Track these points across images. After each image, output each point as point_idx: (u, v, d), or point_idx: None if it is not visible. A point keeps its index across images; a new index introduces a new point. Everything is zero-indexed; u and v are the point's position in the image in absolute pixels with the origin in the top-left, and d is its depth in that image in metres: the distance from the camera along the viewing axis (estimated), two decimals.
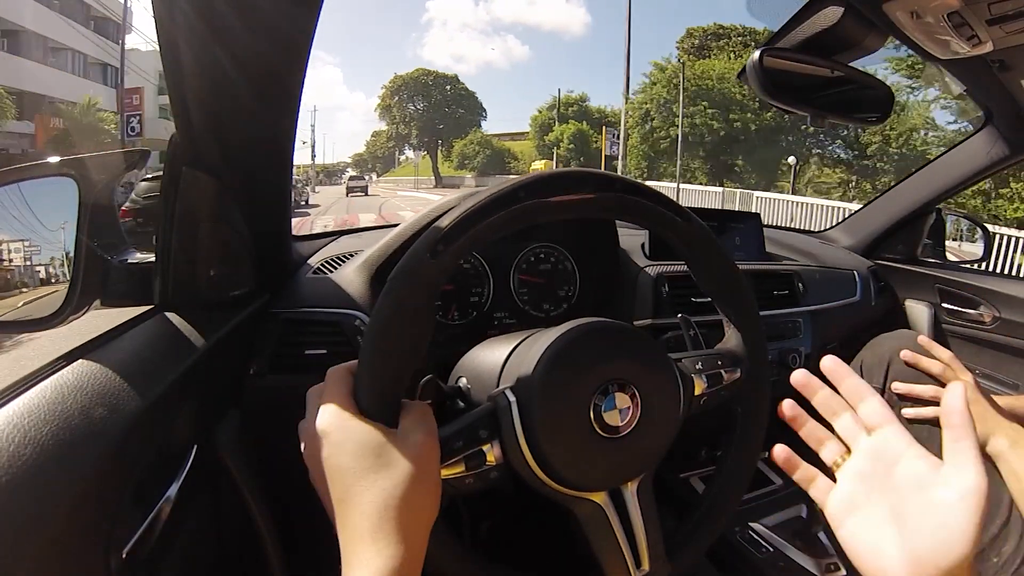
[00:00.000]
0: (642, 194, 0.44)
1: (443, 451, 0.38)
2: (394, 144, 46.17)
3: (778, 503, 0.87)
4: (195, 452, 0.52)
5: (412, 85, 40.79)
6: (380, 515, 0.32)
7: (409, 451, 0.35)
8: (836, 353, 0.44)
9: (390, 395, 0.37)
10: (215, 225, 0.61)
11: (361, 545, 0.32)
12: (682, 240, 0.46)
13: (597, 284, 0.91)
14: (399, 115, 41.97)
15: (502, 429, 0.40)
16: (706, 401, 0.48)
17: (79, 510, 0.36)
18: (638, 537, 0.43)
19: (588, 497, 0.42)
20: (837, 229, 1.50)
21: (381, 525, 0.32)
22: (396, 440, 0.35)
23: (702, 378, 0.47)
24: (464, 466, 0.39)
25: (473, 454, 0.39)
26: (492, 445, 0.40)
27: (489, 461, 0.40)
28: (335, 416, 0.36)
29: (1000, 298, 1.14)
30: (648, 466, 0.44)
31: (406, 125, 41.76)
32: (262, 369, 0.67)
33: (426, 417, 0.38)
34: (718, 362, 0.49)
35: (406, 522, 0.33)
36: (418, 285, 0.37)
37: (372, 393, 0.37)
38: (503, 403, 0.40)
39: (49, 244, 0.53)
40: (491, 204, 0.39)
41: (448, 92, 41.09)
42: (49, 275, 0.53)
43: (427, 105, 40.79)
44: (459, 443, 0.39)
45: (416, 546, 0.33)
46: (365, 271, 0.76)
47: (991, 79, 0.90)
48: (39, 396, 0.39)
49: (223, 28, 0.48)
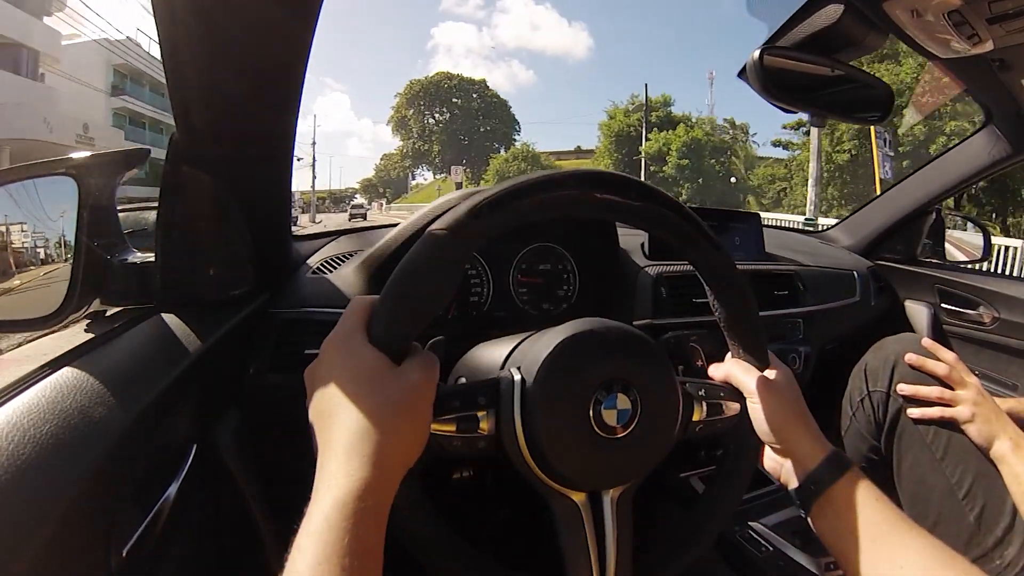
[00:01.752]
0: (682, 215, 0.45)
1: (439, 405, 0.38)
2: (411, 163, 39.27)
3: (778, 502, 0.87)
4: (195, 451, 0.52)
5: (432, 92, 35.62)
6: (358, 434, 0.33)
7: (403, 385, 0.35)
8: (836, 353, 0.44)
9: (402, 333, 0.38)
10: (215, 225, 0.61)
11: (334, 462, 0.32)
12: (707, 267, 0.47)
13: (597, 284, 0.91)
14: (417, 128, 36.29)
15: (500, 401, 0.40)
16: (701, 429, 0.48)
17: (79, 509, 0.36)
18: (608, 548, 0.42)
19: (568, 494, 0.42)
20: (837, 229, 1.50)
21: (357, 445, 0.32)
22: (394, 372, 0.36)
23: (702, 405, 0.48)
24: (455, 426, 0.39)
25: (467, 417, 0.39)
26: (488, 414, 0.40)
27: (481, 429, 0.40)
28: (343, 336, 0.37)
29: (1000, 299, 1.14)
30: (633, 476, 0.44)
31: (425, 140, 36.20)
32: (261, 369, 0.67)
33: (430, 364, 0.38)
34: (720, 393, 0.49)
35: (383, 449, 0.33)
36: (455, 238, 0.38)
37: (386, 325, 0.37)
38: (507, 378, 0.41)
39: (49, 243, 0.53)
40: (542, 184, 0.40)
41: (475, 100, 35.64)
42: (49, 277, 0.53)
43: (450, 116, 35.48)
44: (456, 402, 0.39)
45: (387, 476, 0.33)
46: (365, 271, 0.76)
47: (991, 78, 0.90)
48: (39, 396, 0.39)
49: (223, 27, 0.48)
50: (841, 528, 0.44)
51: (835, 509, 0.45)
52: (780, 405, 0.49)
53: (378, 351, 0.36)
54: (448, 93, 35.50)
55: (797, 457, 0.48)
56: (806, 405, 0.50)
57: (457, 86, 35.84)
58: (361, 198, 47.36)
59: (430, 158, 36.58)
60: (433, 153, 35.88)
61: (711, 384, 0.51)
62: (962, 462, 0.72)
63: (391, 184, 49.32)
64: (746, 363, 0.51)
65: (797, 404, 0.50)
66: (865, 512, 0.43)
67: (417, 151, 37.04)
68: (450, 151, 35.05)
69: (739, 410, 0.50)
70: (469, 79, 36.68)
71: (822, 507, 0.45)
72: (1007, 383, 1.13)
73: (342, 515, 0.30)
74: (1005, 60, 0.83)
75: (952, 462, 0.73)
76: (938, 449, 0.74)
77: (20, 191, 0.53)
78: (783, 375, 0.51)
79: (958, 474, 0.72)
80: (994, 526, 0.68)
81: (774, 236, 1.23)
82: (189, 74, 0.51)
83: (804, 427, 0.49)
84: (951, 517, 0.71)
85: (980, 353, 1.19)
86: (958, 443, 0.73)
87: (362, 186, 56.03)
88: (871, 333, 0.93)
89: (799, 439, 0.48)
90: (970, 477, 0.71)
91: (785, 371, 0.51)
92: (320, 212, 36.86)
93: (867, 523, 0.43)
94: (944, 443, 0.74)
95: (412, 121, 36.55)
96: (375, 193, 50.49)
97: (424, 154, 36.76)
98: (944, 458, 0.73)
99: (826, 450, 0.47)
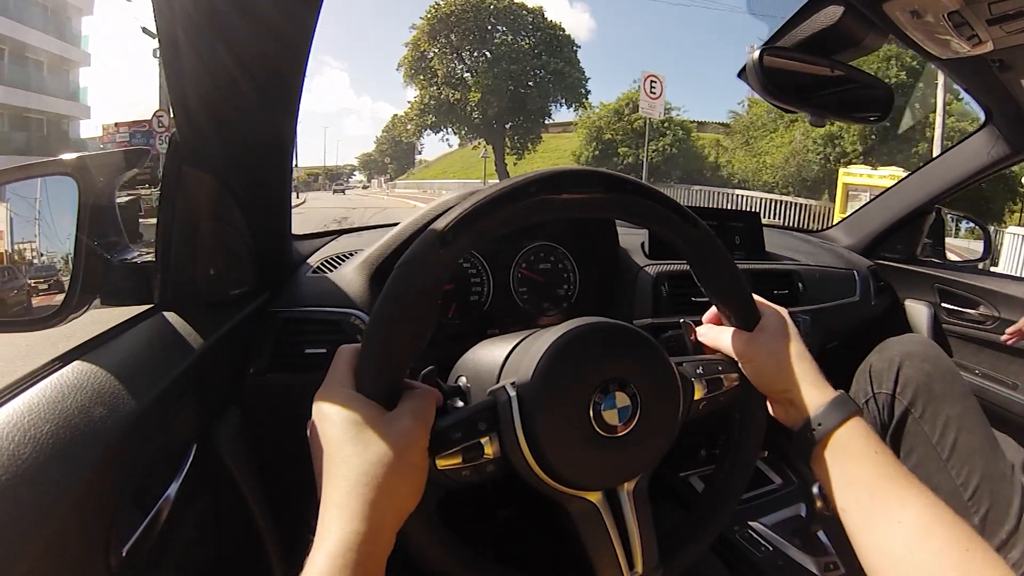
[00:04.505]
0: (652, 197, 0.44)
1: (441, 442, 0.38)
2: (435, 119, 24.96)
3: (777, 502, 0.87)
4: (195, 451, 0.52)
5: (467, 20, 22.61)
6: (349, 490, 0.33)
7: (392, 434, 0.35)
8: (836, 353, 0.44)
9: (388, 377, 0.38)
10: (215, 224, 0.61)
11: (328, 516, 0.33)
12: (686, 243, 0.47)
13: (597, 283, 0.91)
14: (443, 71, 23.47)
15: (501, 423, 0.40)
16: (705, 406, 0.48)
17: (79, 509, 0.36)
18: (632, 538, 0.43)
19: (584, 496, 0.42)
20: (837, 228, 1.50)
21: (348, 500, 0.33)
22: (382, 421, 0.36)
23: (702, 383, 0.47)
24: (461, 458, 0.39)
25: (471, 447, 0.39)
26: (490, 439, 0.40)
27: (487, 454, 0.40)
28: (332, 389, 0.37)
29: (1000, 298, 1.14)
30: (645, 467, 0.44)
31: (456, 87, 23.58)
32: (262, 368, 0.67)
33: (424, 404, 0.38)
34: (718, 367, 0.49)
35: (375, 502, 0.33)
36: (426, 271, 0.37)
37: (370, 373, 0.37)
38: (503, 397, 0.40)
39: (50, 242, 0.53)
40: (503, 196, 0.39)
41: (528, 36, 22.65)
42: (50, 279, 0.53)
43: (492, 56, 22.76)
44: (457, 435, 0.39)
45: (382, 527, 0.33)
46: (365, 270, 0.76)
47: (991, 79, 0.90)
48: (39, 395, 0.39)
49: (223, 27, 0.48)
50: (839, 478, 0.43)
51: (834, 458, 0.44)
52: (769, 355, 0.48)
53: (367, 399, 0.36)
54: (489, 23, 23.12)
55: (796, 403, 0.47)
56: (804, 348, 0.48)
57: (504, 10, 22.98)
58: (361, 174, 46.30)
59: (463, 114, 23.86)
60: (469, 106, 23.06)
61: (707, 360, 0.50)
62: (968, 463, 0.72)
63: (398, 157, 41.82)
64: (731, 327, 0.50)
65: (789, 348, 0.48)
66: (865, 464, 0.42)
67: (443, 104, 23.90)
68: (494, 104, 22.69)
69: (739, 379, 0.49)
70: (520, 3, 23.36)
71: (821, 455, 0.44)
72: (1007, 382, 1.13)
73: (335, 568, 0.31)
74: (1005, 60, 0.83)
75: (958, 463, 0.73)
76: (944, 450, 0.74)
77: (20, 191, 0.53)
78: (772, 322, 0.49)
79: (964, 475, 0.72)
80: (999, 528, 0.68)
81: (774, 236, 1.23)
82: (189, 74, 0.51)
83: (801, 371, 0.47)
84: None
85: (980, 352, 1.19)
86: (964, 444, 0.73)
87: (361, 162, 52.46)
88: (871, 332, 0.93)
89: (796, 385, 0.46)
90: (976, 479, 0.71)
91: (775, 319, 0.49)
92: (312, 190, 35.45)
93: (866, 475, 0.42)
94: (950, 444, 0.74)
95: (436, 61, 23.58)
96: (376, 168, 46.46)
97: (453, 108, 23.82)
98: (950, 459, 0.73)
99: (827, 395, 0.46)
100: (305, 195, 27.30)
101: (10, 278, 0.53)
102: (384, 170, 43.91)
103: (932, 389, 0.79)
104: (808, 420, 0.45)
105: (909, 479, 0.41)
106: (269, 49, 0.51)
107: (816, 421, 0.45)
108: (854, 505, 0.42)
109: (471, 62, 23.93)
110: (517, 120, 24.24)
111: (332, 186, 38.67)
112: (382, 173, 43.99)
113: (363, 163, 52.20)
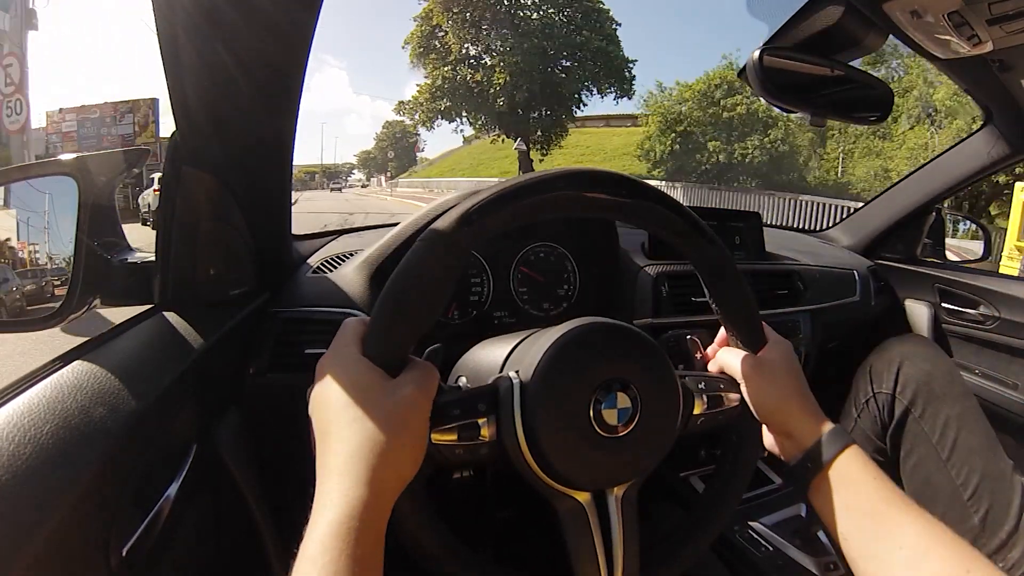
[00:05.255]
0: (677, 211, 0.45)
1: (439, 416, 0.38)
2: (449, 103, 20.44)
3: (777, 502, 0.87)
4: (195, 451, 0.52)
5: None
6: (351, 455, 0.33)
7: (395, 401, 0.35)
8: (836, 352, 0.44)
9: (396, 346, 0.38)
10: (215, 224, 0.61)
11: (329, 481, 0.33)
12: (702, 260, 0.47)
13: (597, 283, 0.91)
14: (459, 46, 19.18)
15: (500, 408, 0.40)
16: (703, 422, 0.48)
17: (79, 509, 0.36)
18: (615, 546, 0.42)
19: (572, 494, 0.42)
20: (837, 228, 1.50)
21: (349, 465, 0.33)
22: (386, 388, 0.36)
23: (703, 398, 0.48)
24: (457, 435, 0.39)
25: (468, 425, 0.39)
26: (488, 420, 0.40)
27: (482, 436, 0.40)
28: (338, 353, 0.37)
29: (1000, 298, 1.14)
30: (638, 473, 0.44)
31: (472, 67, 19.35)
32: (262, 368, 0.67)
33: (427, 377, 0.38)
34: (720, 385, 0.49)
35: (375, 468, 0.33)
36: (447, 246, 0.37)
37: (379, 340, 0.37)
38: (506, 383, 0.41)
39: (50, 242, 0.53)
40: (531, 186, 0.40)
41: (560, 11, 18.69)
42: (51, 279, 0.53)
43: (519, 34, 18.52)
44: (456, 411, 0.39)
45: (382, 494, 0.33)
46: (365, 270, 0.75)
47: (991, 79, 0.90)
48: (39, 395, 0.39)
49: (223, 27, 0.48)
50: (839, 506, 0.43)
51: (833, 487, 0.44)
52: (772, 384, 0.48)
53: (372, 364, 0.36)
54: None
55: (794, 435, 0.47)
56: (805, 382, 0.49)
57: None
58: (360, 172, 45.94)
59: (483, 99, 19.44)
60: (493, 90, 18.75)
61: (710, 377, 0.50)
62: (968, 463, 0.72)
63: (399, 154, 39.23)
64: (737, 349, 0.51)
65: (792, 381, 0.48)
66: (864, 490, 0.43)
67: (459, 86, 19.63)
68: (524, 88, 18.46)
69: (739, 400, 0.50)
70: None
71: (820, 485, 0.45)
72: (1007, 382, 1.13)
73: (337, 536, 0.30)
74: (1005, 60, 0.83)
75: (958, 463, 0.73)
76: (944, 449, 0.74)
77: (20, 191, 0.53)
78: (778, 353, 0.49)
79: (964, 475, 0.72)
80: (999, 528, 0.68)
81: (774, 236, 1.23)
82: (189, 74, 0.51)
83: (800, 405, 0.48)
84: (956, 518, 0.71)
85: (980, 352, 1.19)
86: (964, 444, 0.73)
87: (360, 160, 51.52)
88: (871, 332, 0.93)
89: (795, 417, 0.47)
90: (976, 478, 0.71)
91: (781, 350, 0.50)
92: (309, 189, 35.37)
93: (866, 501, 0.42)
94: (950, 444, 0.74)
95: (451, 36, 19.17)
96: (375, 166, 45.36)
97: (471, 91, 19.50)
98: (950, 458, 0.73)
99: (824, 427, 0.46)
100: (299, 195, 25.89)
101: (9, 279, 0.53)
102: (384, 168, 41.99)
103: (932, 389, 0.79)
104: (807, 451, 0.46)
105: (908, 503, 0.42)
106: (269, 48, 0.51)
107: (814, 451, 0.45)
108: (855, 532, 0.42)
109: (495, 37, 19.20)
110: (545, 109, 19.88)
111: (330, 184, 39.25)
112: (382, 171, 42.29)
113: (362, 161, 51.49)
